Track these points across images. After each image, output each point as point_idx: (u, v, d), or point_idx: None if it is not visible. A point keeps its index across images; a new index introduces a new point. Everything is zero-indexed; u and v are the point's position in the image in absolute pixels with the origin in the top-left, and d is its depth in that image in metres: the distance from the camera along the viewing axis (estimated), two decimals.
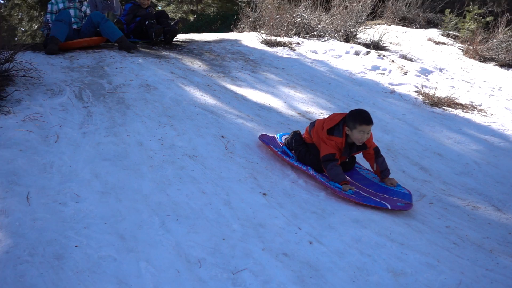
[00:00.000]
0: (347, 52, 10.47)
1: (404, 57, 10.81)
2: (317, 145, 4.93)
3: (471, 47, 12.78)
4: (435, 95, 8.33)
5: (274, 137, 5.40)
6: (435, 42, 13.70)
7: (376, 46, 11.32)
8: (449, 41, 14.18)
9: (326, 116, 5.52)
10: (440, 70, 10.55)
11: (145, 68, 7.28)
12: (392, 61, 10.18)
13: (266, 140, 5.28)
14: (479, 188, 5.53)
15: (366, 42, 11.48)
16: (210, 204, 4.09)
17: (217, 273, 3.24)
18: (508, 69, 11.96)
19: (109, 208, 3.83)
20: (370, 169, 5.18)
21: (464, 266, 3.76)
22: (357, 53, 10.49)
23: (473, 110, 8.19)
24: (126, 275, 3.09)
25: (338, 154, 4.76)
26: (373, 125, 4.69)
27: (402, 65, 10.00)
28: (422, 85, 8.95)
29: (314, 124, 5.04)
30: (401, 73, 9.59)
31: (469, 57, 12.56)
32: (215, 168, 4.71)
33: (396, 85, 8.95)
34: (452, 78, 10.16)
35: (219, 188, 4.37)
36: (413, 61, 10.69)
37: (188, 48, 9.22)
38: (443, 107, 8.06)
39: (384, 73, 9.56)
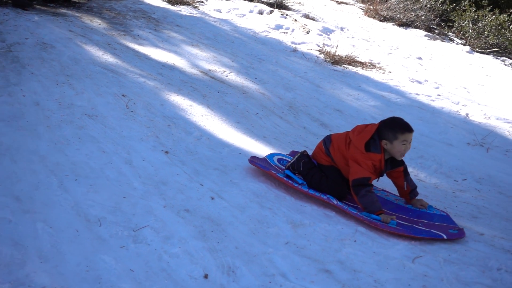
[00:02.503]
0: (251, 11, 10.47)
1: (307, 16, 10.93)
2: (339, 166, 4.12)
3: (371, 7, 13.10)
4: (336, 54, 8.51)
5: (264, 159, 4.41)
6: (337, 1, 13.94)
7: (279, 5, 11.38)
8: (351, 1, 14.46)
9: (342, 132, 4.29)
10: (342, 29, 10.77)
11: (41, 26, 6.98)
12: (295, 20, 10.28)
13: (261, 164, 4.25)
14: None
15: (270, 1, 11.51)
16: (110, 163, 4.03)
17: (118, 231, 3.21)
18: (405, 28, 12.38)
19: (3, 169, 3.69)
20: (385, 189, 4.40)
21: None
22: (260, 12, 10.51)
23: (372, 68, 8.45)
24: (22, 236, 3.01)
25: (374, 176, 3.95)
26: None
27: (304, 24, 10.12)
28: (324, 44, 9.11)
29: (330, 140, 4.19)
30: (303, 32, 9.71)
31: (369, 17, 12.88)
32: (116, 127, 4.63)
33: (299, 44, 9.06)
34: (352, 37, 10.39)
35: (120, 147, 4.30)
36: (316, 21, 10.84)
37: (88, 6, 8.91)
38: (344, 65, 8.26)
39: (287, 32, 9.65)
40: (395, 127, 3.88)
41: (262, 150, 4.78)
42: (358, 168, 3.86)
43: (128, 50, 6.87)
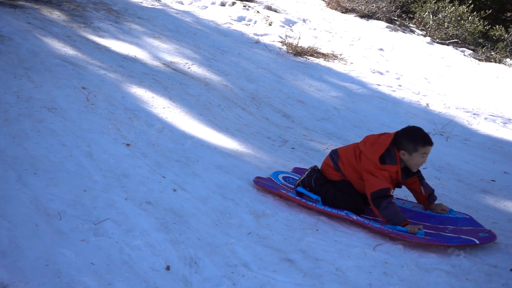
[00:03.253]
0: (213, 3, 10.43)
1: (269, 8, 10.93)
2: (352, 180, 3.91)
3: None
4: (299, 45, 8.54)
5: (269, 178, 4.11)
6: None
7: None
8: None
9: (346, 145, 4.14)
10: (304, 21, 10.80)
11: None
12: (258, 12, 10.28)
13: (268, 185, 3.97)
14: (338, 132, 5.80)
15: None
16: (70, 156, 3.98)
17: (78, 224, 3.18)
18: (367, 20, 12.48)
19: None
20: (399, 197, 4.21)
21: None
22: (223, 4, 10.48)
23: (334, 59, 8.50)
24: None
25: (392, 187, 3.76)
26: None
27: (267, 16, 10.13)
28: (286, 36, 9.13)
29: (337, 155, 3.97)
30: (266, 24, 9.72)
31: (331, 8, 12.95)
32: (76, 120, 4.57)
33: (261, 35, 9.06)
34: (315, 29, 10.44)
35: (80, 140, 4.25)
36: (278, 12, 10.85)
37: None
38: (306, 57, 8.29)
39: (249, 24, 9.64)
40: (417, 139, 3.71)
41: (225, 141, 4.78)
42: (375, 180, 3.65)
43: (88, 42, 6.77)
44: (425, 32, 12.59)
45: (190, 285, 2.81)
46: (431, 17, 12.59)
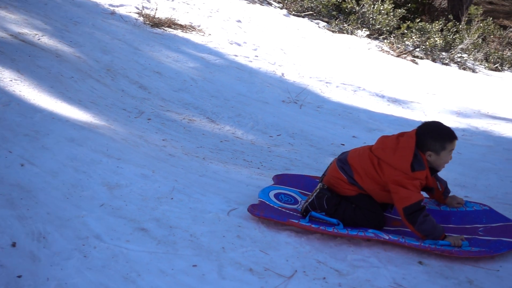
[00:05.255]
0: None
1: None
2: (371, 192, 3.48)
3: None
4: (156, 16, 8.41)
5: (264, 203, 3.55)
6: None
7: None
8: None
9: (353, 149, 3.68)
10: None
11: None
12: None
13: (272, 215, 3.40)
14: (196, 102, 5.82)
15: None
16: None
17: None
18: None
19: None
20: None
21: (178, 174, 3.97)
22: None
23: (192, 31, 8.47)
24: None
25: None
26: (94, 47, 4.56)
27: None
28: (143, 7, 8.94)
29: (348, 165, 3.50)
30: None
31: None
32: None
33: (117, 6, 8.81)
34: (172, 0, 10.32)
35: None
36: None
37: None
38: (164, 28, 8.19)
39: None
40: (443, 136, 3.37)
41: (77, 114, 4.62)
42: (406, 193, 3.25)
43: None
44: (281, 5, 12.86)
45: (38, 260, 2.72)
46: None
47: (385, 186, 3.39)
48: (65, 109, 4.67)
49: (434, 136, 3.35)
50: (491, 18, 12.52)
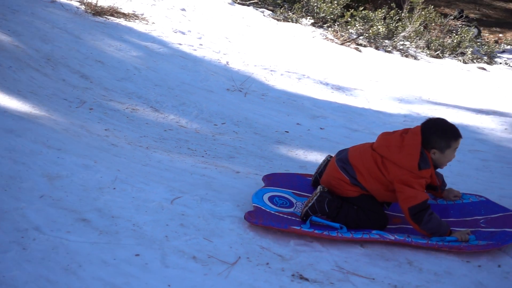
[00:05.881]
0: None
1: None
2: (374, 192, 3.41)
3: None
4: (98, 5, 8.25)
5: (259, 209, 3.41)
6: None
7: None
8: None
9: (354, 146, 3.60)
10: None
11: None
12: None
13: (272, 223, 3.25)
14: (139, 91, 5.76)
15: None
16: None
17: None
18: None
19: None
20: None
21: (121, 164, 3.92)
22: None
23: (135, 19, 8.36)
24: None
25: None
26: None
27: None
28: None
29: (350, 165, 3.41)
30: None
31: None
32: None
33: None
34: None
35: None
36: None
37: None
38: (106, 16, 8.05)
39: None
40: (449, 135, 3.31)
41: (16, 104, 4.52)
42: (412, 192, 3.21)
43: None
44: None
45: None
46: None
47: (389, 185, 3.33)
48: (2, 100, 4.56)
49: (440, 134, 3.29)
50: (432, 6, 12.77)
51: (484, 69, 10.68)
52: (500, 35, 14.76)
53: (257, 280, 2.76)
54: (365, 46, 10.77)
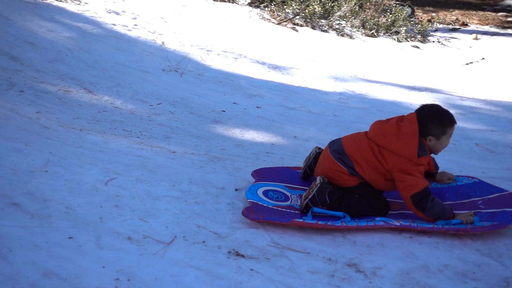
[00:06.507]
0: None
1: None
2: (374, 180, 3.36)
3: None
4: None
5: (257, 204, 3.30)
6: None
7: None
8: None
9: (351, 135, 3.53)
10: None
11: None
12: None
13: (273, 217, 3.19)
14: (72, 73, 5.63)
15: None
16: None
17: None
18: None
19: None
20: None
21: (53, 146, 3.84)
22: None
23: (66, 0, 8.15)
24: None
25: None
26: None
27: None
28: None
29: (346, 156, 3.36)
30: None
31: None
32: None
33: None
34: None
35: None
36: None
37: None
38: None
39: None
40: (444, 121, 3.33)
41: None
42: (413, 180, 3.20)
43: None
44: None
45: None
46: None
47: (387, 175, 3.31)
48: None
49: (436, 121, 3.30)
50: None
51: (418, 47, 10.92)
52: (433, 14, 15.07)
53: (193, 258, 2.76)
54: (301, 25, 10.82)
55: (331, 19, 11.27)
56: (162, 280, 2.55)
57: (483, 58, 10.24)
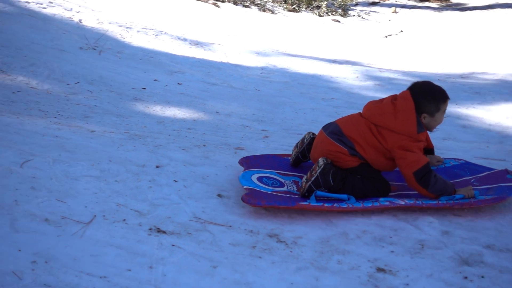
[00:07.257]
0: None
1: None
2: (374, 160, 3.32)
3: None
4: None
5: (253, 190, 3.19)
6: None
7: None
8: None
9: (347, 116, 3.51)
10: None
11: None
12: None
13: (277, 201, 3.12)
14: None
15: None
16: None
17: None
18: None
19: None
20: None
21: None
22: None
23: None
24: None
25: None
26: None
27: None
28: None
29: (346, 137, 3.33)
30: None
31: None
32: None
33: None
34: None
35: None
36: None
37: None
38: None
39: None
40: (437, 97, 3.31)
41: None
42: (414, 156, 3.18)
43: None
44: None
45: None
46: None
47: (386, 153, 3.29)
48: None
49: (430, 98, 3.29)
50: None
51: (338, 21, 11.09)
52: None
53: (114, 237, 2.72)
54: (223, 1, 10.77)
55: None
56: (81, 260, 2.50)
57: (401, 31, 10.51)
